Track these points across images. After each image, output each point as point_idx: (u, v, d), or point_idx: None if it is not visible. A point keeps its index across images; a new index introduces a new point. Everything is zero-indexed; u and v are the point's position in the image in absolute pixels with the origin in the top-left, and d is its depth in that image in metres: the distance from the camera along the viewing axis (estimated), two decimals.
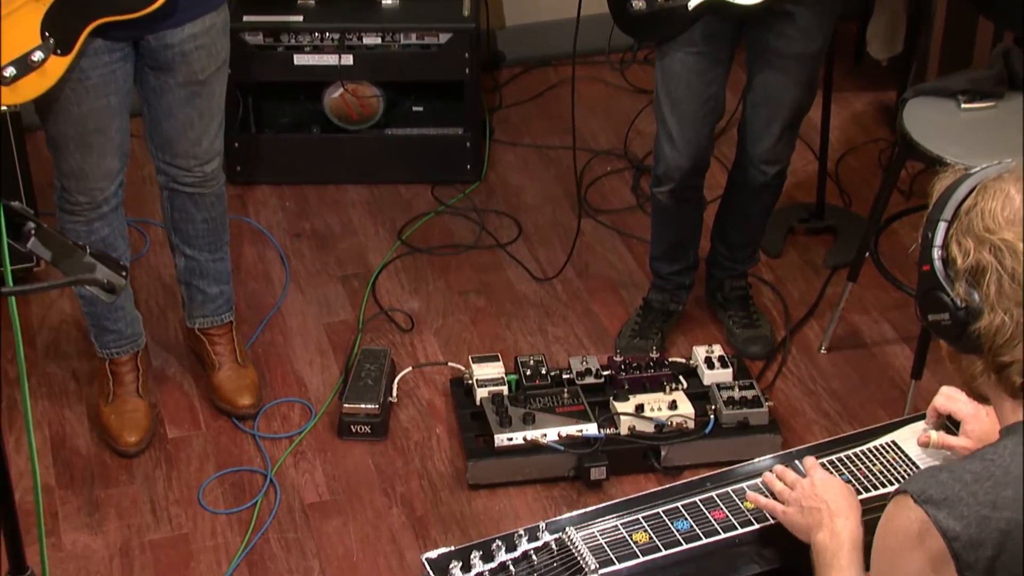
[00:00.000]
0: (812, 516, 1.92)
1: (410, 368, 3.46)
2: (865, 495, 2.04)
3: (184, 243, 3.26)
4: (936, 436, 2.09)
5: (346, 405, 3.27)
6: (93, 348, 3.28)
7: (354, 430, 3.27)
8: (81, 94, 2.83)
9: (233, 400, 3.31)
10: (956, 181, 1.75)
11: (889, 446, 2.14)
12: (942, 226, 1.73)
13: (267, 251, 3.88)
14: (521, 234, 3.96)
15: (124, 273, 2.01)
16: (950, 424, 2.13)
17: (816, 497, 1.94)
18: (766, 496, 2.02)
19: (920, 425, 2.16)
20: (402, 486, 3.17)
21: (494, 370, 3.30)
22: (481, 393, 3.25)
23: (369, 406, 3.27)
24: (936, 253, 1.73)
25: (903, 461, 2.11)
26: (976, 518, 1.59)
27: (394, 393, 3.38)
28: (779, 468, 2.05)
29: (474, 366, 3.31)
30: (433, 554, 1.95)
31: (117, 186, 3.02)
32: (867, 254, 3.46)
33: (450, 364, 3.48)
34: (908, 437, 2.15)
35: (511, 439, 3.13)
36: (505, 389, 3.26)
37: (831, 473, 2.04)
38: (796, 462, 2.08)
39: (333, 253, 3.88)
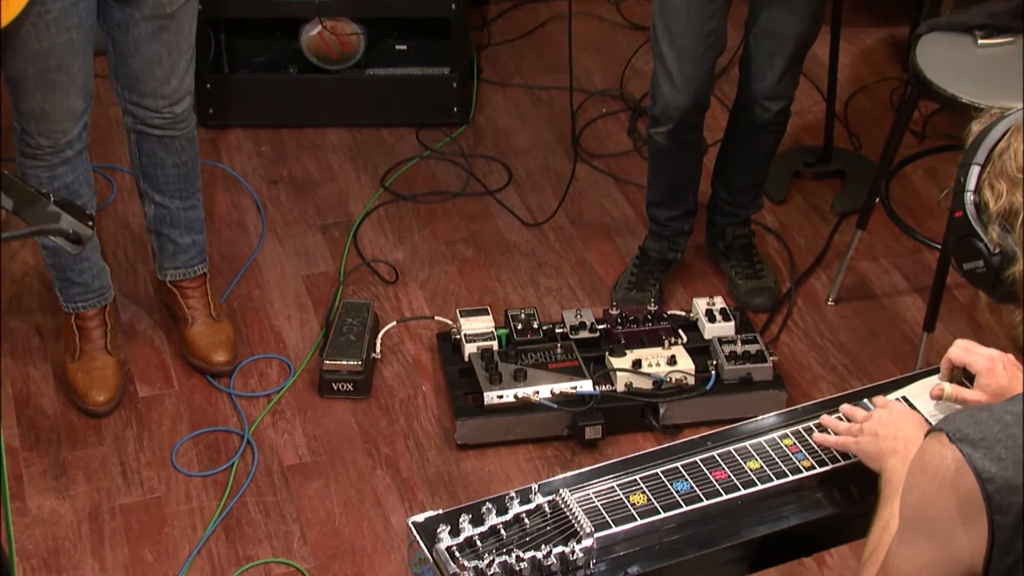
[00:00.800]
0: (887, 443, 1.97)
1: (394, 322, 3.47)
2: None
3: (154, 190, 3.25)
4: (950, 389, 2.10)
5: (327, 362, 3.28)
6: (58, 302, 3.28)
7: (335, 388, 3.28)
8: (41, 29, 2.81)
9: (207, 356, 3.32)
10: (990, 124, 1.76)
11: (900, 402, 2.15)
12: (975, 170, 1.74)
13: (242, 199, 3.87)
14: (511, 180, 3.95)
15: (90, 222, 2.00)
16: (965, 379, 2.14)
17: (893, 425, 1.99)
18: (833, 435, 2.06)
19: (933, 380, 2.17)
20: (386, 447, 3.18)
21: (483, 324, 3.30)
22: (469, 348, 3.26)
23: (351, 363, 3.27)
24: (969, 198, 1.74)
25: None
26: (1013, 461, 1.62)
27: (377, 349, 3.38)
28: (846, 406, 2.10)
29: (462, 320, 3.32)
30: (420, 518, 1.96)
31: (81, 128, 3.01)
32: (877, 200, 3.46)
33: (437, 318, 3.48)
34: (920, 393, 2.15)
35: (501, 397, 3.14)
36: (495, 344, 3.27)
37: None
38: (866, 400, 2.12)
39: (312, 201, 3.87)
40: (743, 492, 2.01)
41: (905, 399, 2.15)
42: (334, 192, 3.90)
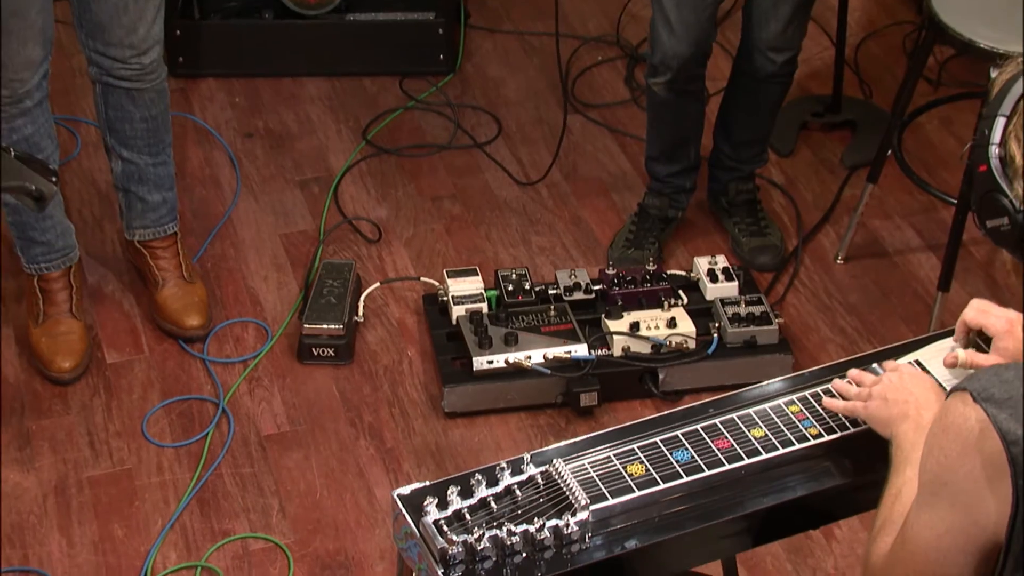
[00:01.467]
0: (898, 408, 1.98)
1: (378, 284, 3.46)
2: None
3: (121, 145, 3.24)
4: (964, 355, 2.11)
5: (306, 325, 3.28)
6: (20, 263, 3.27)
7: (316, 353, 3.28)
8: None
9: (179, 320, 3.31)
10: (1017, 73, 1.75)
11: (913, 367, 2.15)
12: (1000, 121, 1.74)
13: (215, 153, 3.86)
14: (501, 132, 3.94)
15: (53, 178, 1.99)
16: (981, 341, 2.14)
17: (904, 389, 2.00)
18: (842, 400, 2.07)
19: (947, 343, 2.17)
20: (370, 415, 3.18)
21: (472, 285, 3.30)
22: (457, 311, 3.26)
23: (332, 326, 3.27)
24: (994, 151, 1.74)
25: None
26: None
27: (360, 312, 3.38)
28: (854, 371, 2.10)
29: (449, 281, 3.31)
30: (406, 490, 1.96)
31: (40, 78, 2.99)
32: (889, 152, 3.46)
33: (423, 279, 3.48)
34: (934, 356, 2.16)
35: (491, 362, 3.14)
36: (484, 306, 3.27)
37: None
38: (875, 365, 2.12)
39: (290, 155, 3.86)
40: (747, 462, 2.02)
41: (918, 363, 2.15)
42: (313, 145, 3.89)
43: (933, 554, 1.71)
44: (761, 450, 2.04)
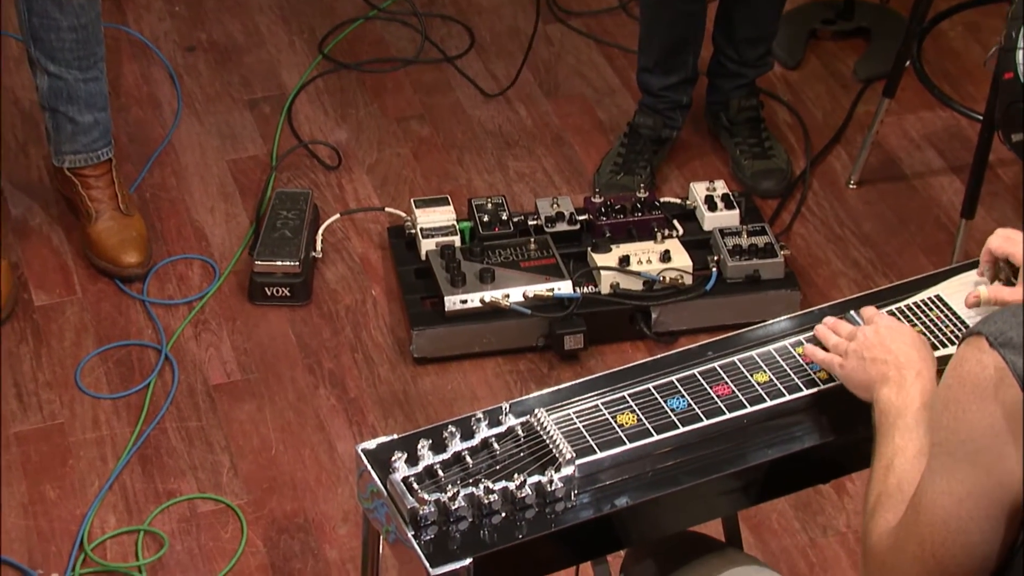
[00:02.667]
0: (876, 368, 1.96)
1: (338, 215, 3.46)
2: None
3: (47, 58, 3.21)
4: (987, 292, 2.10)
5: (258, 262, 3.27)
6: None
7: (269, 293, 3.28)
8: None
9: (116, 257, 3.31)
10: None
11: (933, 302, 2.16)
12: None
13: (153, 69, 3.84)
14: (473, 44, 3.92)
15: None
16: (1010, 274, 2.14)
17: (881, 347, 1.97)
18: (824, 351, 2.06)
19: (972, 276, 2.18)
20: (331, 362, 3.18)
21: (443, 216, 3.30)
22: (427, 245, 3.25)
23: (287, 263, 3.27)
24: (1020, 57, 1.73)
25: (950, 321, 2.13)
26: None
27: (318, 246, 3.38)
28: (830, 319, 2.08)
29: (418, 211, 3.31)
30: (371, 444, 1.97)
31: None
32: (907, 63, 3.45)
33: (388, 210, 3.47)
34: (957, 290, 2.16)
35: (465, 302, 3.14)
36: (457, 240, 3.27)
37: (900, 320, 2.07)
38: (852, 312, 2.10)
39: (237, 71, 3.84)
40: (749, 410, 2.03)
41: (940, 298, 2.16)
42: (263, 60, 3.87)
43: (954, 523, 1.70)
44: (765, 396, 2.04)
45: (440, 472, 1.92)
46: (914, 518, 1.74)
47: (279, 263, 3.27)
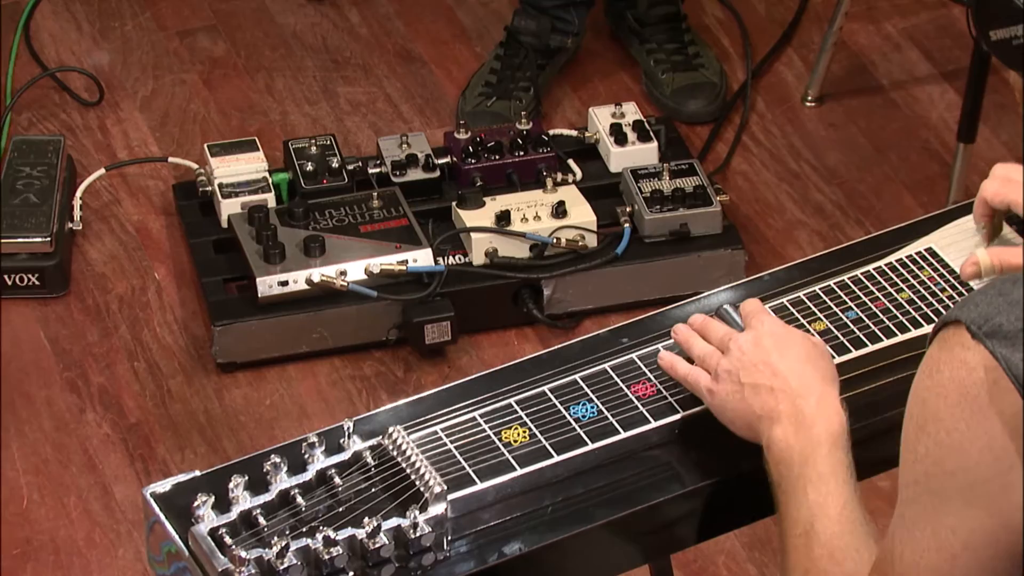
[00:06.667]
0: (759, 400, 1.93)
1: (102, 170, 3.45)
2: (877, 346, 2.09)
3: None
4: (987, 257, 2.07)
5: None
6: None
7: (10, 282, 3.27)
8: None
9: None
10: None
11: (923, 257, 2.17)
12: None
13: None
14: None
15: None
16: (1015, 227, 2.16)
17: (765, 367, 1.94)
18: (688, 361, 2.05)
19: (970, 223, 2.18)
20: (100, 374, 3.18)
21: (249, 166, 3.31)
22: (229, 207, 3.26)
23: (34, 239, 3.26)
24: None
25: (946, 283, 2.14)
26: None
27: (76, 215, 3.37)
28: (698, 317, 2.05)
29: (214, 161, 3.31)
30: (163, 485, 1.96)
31: None
32: None
33: (172, 160, 3.47)
34: (954, 241, 2.17)
35: (285, 283, 3.15)
36: (271, 198, 3.27)
37: (795, 324, 2.06)
38: (727, 307, 2.07)
39: None
40: (682, 414, 2.05)
41: (932, 251, 2.17)
42: None
43: None
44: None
45: (261, 519, 1.92)
46: None
47: (22, 240, 3.26)
